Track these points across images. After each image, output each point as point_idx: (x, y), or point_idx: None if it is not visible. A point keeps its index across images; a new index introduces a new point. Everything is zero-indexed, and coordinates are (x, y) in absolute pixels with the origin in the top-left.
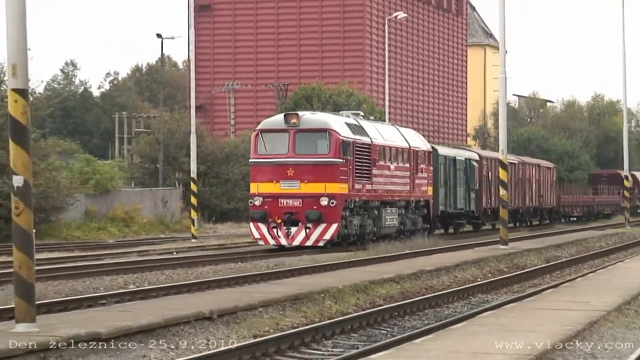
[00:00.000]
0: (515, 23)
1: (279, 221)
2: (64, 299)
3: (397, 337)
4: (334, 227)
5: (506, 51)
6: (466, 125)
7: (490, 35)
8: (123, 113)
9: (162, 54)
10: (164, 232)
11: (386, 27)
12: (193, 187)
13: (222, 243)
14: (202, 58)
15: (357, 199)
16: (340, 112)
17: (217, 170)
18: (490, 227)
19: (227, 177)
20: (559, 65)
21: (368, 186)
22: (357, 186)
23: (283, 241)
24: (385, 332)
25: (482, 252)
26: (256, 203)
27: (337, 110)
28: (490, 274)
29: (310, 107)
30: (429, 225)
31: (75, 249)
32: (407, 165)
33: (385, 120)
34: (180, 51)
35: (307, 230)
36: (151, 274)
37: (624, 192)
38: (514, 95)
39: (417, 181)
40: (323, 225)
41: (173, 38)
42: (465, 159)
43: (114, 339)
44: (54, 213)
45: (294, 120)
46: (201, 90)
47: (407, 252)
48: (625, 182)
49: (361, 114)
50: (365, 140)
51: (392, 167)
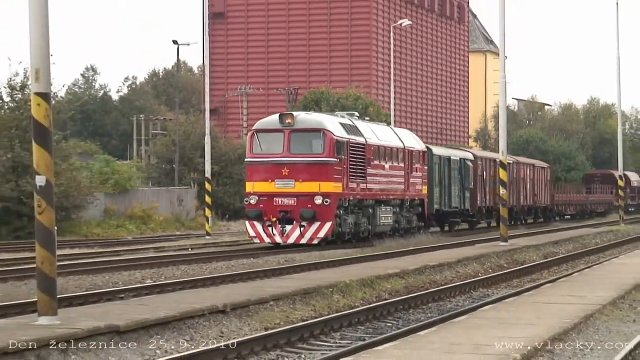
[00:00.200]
0: (515, 30)
1: (274, 219)
2: (84, 293)
3: (402, 330)
4: (328, 225)
5: (506, 57)
6: (468, 127)
7: (490, 41)
8: (141, 116)
9: (178, 60)
10: (180, 229)
11: (391, 34)
12: (207, 186)
13: (235, 240)
14: (216, 63)
15: (351, 198)
16: (336, 112)
17: (231, 170)
18: (486, 225)
19: (239, 176)
20: (557, 70)
21: (362, 185)
22: (351, 185)
23: (278, 239)
24: (390, 324)
25: (482, 249)
26: (251, 202)
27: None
28: (491, 270)
29: (319, 110)
30: (423, 224)
31: (94, 246)
32: (402, 164)
33: (391, 123)
34: (195, 57)
35: (302, 229)
36: (167, 269)
37: (618, 191)
38: (513, 98)
39: (411, 180)
40: (317, 224)
41: (188, 44)
42: (460, 158)
43: (132, 331)
44: (74, 211)
45: (288, 120)
46: (215, 94)
47: (411, 248)
48: (619, 182)
49: (356, 114)
50: (360, 140)
51: (387, 166)
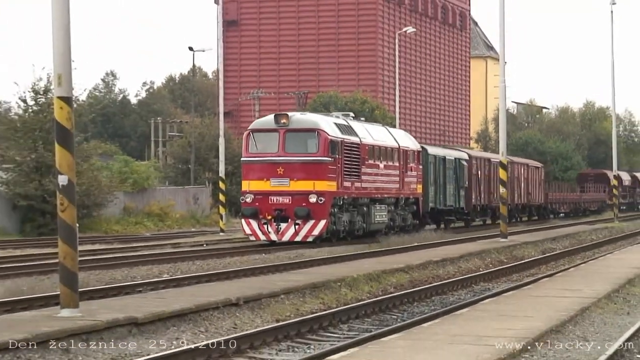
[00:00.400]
0: (514, 37)
1: (269, 217)
2: (104, 286)
3: (406, 322)
4: (323, 223)
5: (505, 62)
6: (469, 130)
7: (491, 47)
8: (158, 118)
9: (193, 65)
10: (195, 226)
11: (397, 41)
12: (221, 185)
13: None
14: (230, 68)
15: (345, 196)
16: (331, 112)
17: None
18: (481, 223)
19: None
20: (554, 75)
21: (357, 184)
22: (345, 184)
23: (273, 237)
24: (396, 317)
25: (483, 245)
26: (247, 200)
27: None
28: (492, 265)
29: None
30: (418, 221)
31: (114, 242)
32: (397, 164)
33: (396, 125)
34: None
35: (297, 226)
36: (183, 264)
37: (612, 189)
38: (512, 102)
39: (406, 179)
40: (312, 222)
41: (203, 51)
42: (455, 158)
43: (150, 323)
44: (95, 209)
45: (284, 121)
46: (229, 98)
47: (415, 244)
48: (613, 181)
49: (351, 114)
50: (354, 139)
51: (382, 165)
